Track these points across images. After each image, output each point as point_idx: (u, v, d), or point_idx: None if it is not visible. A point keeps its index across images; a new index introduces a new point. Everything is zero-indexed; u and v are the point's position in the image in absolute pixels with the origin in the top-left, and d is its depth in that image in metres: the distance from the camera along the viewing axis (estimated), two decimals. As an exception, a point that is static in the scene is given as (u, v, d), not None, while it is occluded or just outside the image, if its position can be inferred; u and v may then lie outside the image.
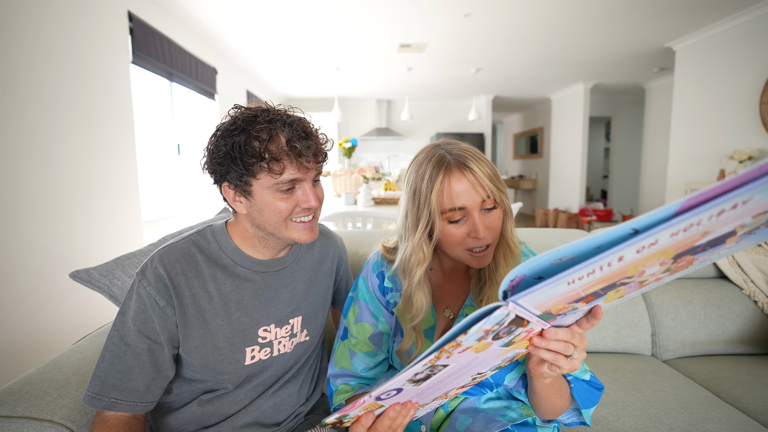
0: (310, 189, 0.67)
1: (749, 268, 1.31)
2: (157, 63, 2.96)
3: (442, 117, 7.48)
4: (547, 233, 1.47)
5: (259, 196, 0.65)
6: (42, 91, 1.91)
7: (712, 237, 0.33)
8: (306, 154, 0.64)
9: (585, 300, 0.41)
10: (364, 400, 0.45)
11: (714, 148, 3.80)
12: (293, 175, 0.64)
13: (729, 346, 1.26)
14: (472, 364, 0.45)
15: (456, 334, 0.38)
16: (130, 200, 2.63)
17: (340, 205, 3.12)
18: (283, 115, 0.66)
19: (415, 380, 0.44)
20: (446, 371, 0.44)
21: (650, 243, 0.31)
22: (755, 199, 0.28)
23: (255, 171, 0.62)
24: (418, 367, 0.41)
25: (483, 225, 0.62)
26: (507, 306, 0.37)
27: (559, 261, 0.36)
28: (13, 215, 1.77)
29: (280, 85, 6.11)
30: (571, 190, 6.37)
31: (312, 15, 3.40)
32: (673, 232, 0.30)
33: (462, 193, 0.61)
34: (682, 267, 0.39)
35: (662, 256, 0.34)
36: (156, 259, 0.67)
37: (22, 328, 1.79)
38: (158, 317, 0.65)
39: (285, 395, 0.76)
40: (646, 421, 0.91)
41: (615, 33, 3.83)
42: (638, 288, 0.41)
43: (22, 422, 0.63)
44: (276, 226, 0.67)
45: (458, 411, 0.70)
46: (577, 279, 0.35)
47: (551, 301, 0.38)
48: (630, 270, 0.35)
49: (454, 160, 0.62)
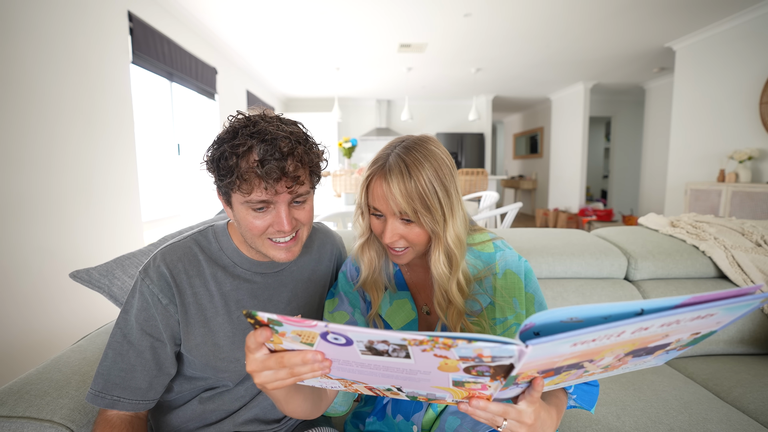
0: (284, 212, 0.63)
1: (749, 268, 1.31)
2: (157, 63, 2.96)
3: (442, 117, 7.48)
4: (547, 233, 1.47)
5: (236, 209, 0.65)
6: (42, 91, 1.91)
7: (660, 342, 0.38)
8: (270, 178, 0.59)
9: (548, 374, 0.41)
10: (308, 324, 0.37)
11: (714, 148, 3.80)
12: (261, 197, 0.61)
13: (729, 346, 1.26)
14: (421, 375, 0.41)
15: (457, 338, 0.35)
16: (130, 200, 2.63)
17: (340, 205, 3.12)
18: (265, 129, 0.61)
19: (371, 348, 0.38)
20: (402, 363, 0.39)
21: (643, 327, 0.33)
22: (717, 315, 0.33)
23: (229, 185, 0.61)
24: (390, 336, 0.35)
25: (393, 231, 0.64)
26: (522, 347, 0.34)
27: (569, 320, 0.35)
28: (13, 215, 1.77)
29: (280, 85, 6.11)
30: (571, 190, 6.37)
31: (312, 15, 3.40)
32: (664, 323, 0.33)
33: (379, 198, 0.64)
34: (615, 367, 0.43)
35: (628, 346, 0.37)
36: (158, 258, 0.68)
37: (22, 328, 1.79)
38: (161, 315, 0.65)
39: None
40: (646, 421, 0.91)
41: (615, 33, 3.83)
42: (579, 377, 0.44)
43: (22, 422, 0.63)
44: (252, 240, 0.67)
45: (447, 412, 0.70)
46: (580, 343, 0.34)
47: (544, 360, 0.37)
48: (604, 351, 0.37)
49: (388, 166, 0.63)
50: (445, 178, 0.63)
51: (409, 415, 0.72)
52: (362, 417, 0.81)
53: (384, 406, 0.76)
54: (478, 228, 0.77)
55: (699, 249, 1.38)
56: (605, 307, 0.34)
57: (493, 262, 0.71)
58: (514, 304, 0.68)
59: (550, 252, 1.30)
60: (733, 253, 1.34)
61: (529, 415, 0.45)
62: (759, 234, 1.41)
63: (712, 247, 1.37)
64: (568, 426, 0.91)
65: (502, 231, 1.61)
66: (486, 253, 0.72)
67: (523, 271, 0.70)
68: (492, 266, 0.70)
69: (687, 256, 1.36)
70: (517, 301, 0.68)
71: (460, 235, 0.65)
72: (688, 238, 1.43)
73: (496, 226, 3.35)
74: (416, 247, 0.67)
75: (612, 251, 1.34)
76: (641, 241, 1.41)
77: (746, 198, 3.23)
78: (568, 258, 1.30)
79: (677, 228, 1.52)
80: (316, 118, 6.52)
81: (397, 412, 0.74)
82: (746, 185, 3.25)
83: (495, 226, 3.52)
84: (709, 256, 1.36)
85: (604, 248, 1.35)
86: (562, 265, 1.29)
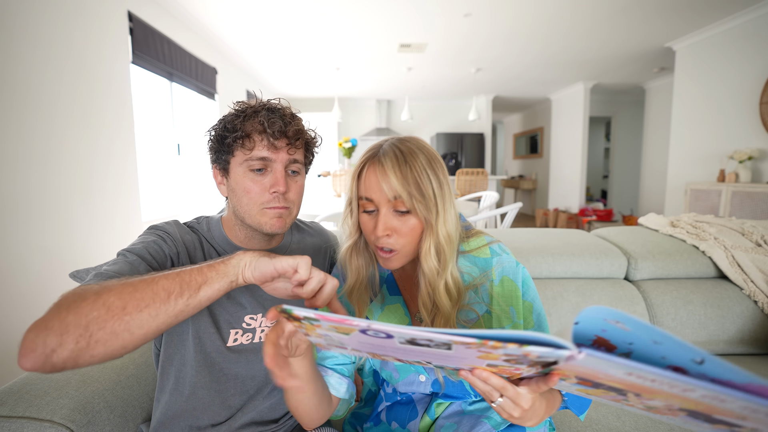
0: (280, 174, 0.68)
1: (749, 268, 1.31)
2: (157, 63, 2.96)
3: (442, 117, 7.48)
4: (546, 233, 1.47)
5: (233, 175, 0.68)
6: (42, 91, 1.91)
7: (731, 420, 0.33)
8: (273, 130, 0.65)
9: (585, 383, 0.39)
10: (348, 322, 0.36)
11: (714, 148, 3.80)
12: (262, 153, 0.66)
13: (729, 346, 1.26)
14: (456, 359, 0.41)
15: (508, 340, 0.33)
16: (130, 200, 2.63)
17: (341, 205, 3.12)
18: (270, 103, 0.69)
19: (412, 341, 0.37)
20: (441, 352, 0.38)
21: (720, 398, 0.30)
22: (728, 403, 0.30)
23: (232, 148, 0.66)
24: (435, 337, 0.34)
25: (386, 224, 0.61)
26: (575, 352, 0.32)
27: (615, 323, 0.33)
28: (13, 215, 1.77)
29: (280, 85, 6.11)
30: (571, 190, 6.37)
31: (312, 15, 3.40)
32: (748, 406, 0.29)
33: (372, 185, 0.62)
34: (661, 412, 0.40)
35: (690, 404, 0.34)
36: (169, 222, 0.72)
37: (22, 328, 1.79)
38: (167, 247, 0.67)
39: (280, 395, 0.76)
40: (646, 420, 0.91)
41: (615, 33, 3.83)
42: (615, 401, 0.42)
43: (22, 422, 0.63)
44: (247, 209, 0.68)
45: (442, 418, 0.69)
46: (637, 376, 0.32)
47: (590, 370, 0.35)
48: (659, 395, 0.34)
49: (382, 152, 0.62)
50: (438, 171, 0.62)
51: (405, 423, 0.71)
52: (361, 418, 0.81)
53: (379, 413, 0.75)
54: (474, 232, 0.74)
55: (699, 249, 1.38)
56: (660, 333, 0.31)
57: (490, 268, 0.68)
58: (511, 314, 0.65)
59: (550, 252, 1.30)
60: (733, 253, 1.34)
61: (527, 400, 0.45)
62: (759, 234, 1.41)
63: (712, 247, 1.36)
64: (568, 426, 0.91)
65: (502, 231, 1.61)
66: (482, 259, 0.69)
67: (520, 279, 0.67)
68: (488, 273, 0.67)
69: (687, 256, 1.35)
70: (515, 311, 0.65)
71: (451, 233, 0.62)
72: (688, 238, 1.42)
73: (496, 226, 3.35)
74: (407, 248, 0.63)
75: (612, 251, 1.34)
76: (641, 241, 1.41)
77: (746, 198, 3.23)
78: (568, 258, 1.30)
79: (677, 228, 1.52)
80: (316, 118, 6.52)
81: (392, 419, 0.73)
82: (746, 185, 3.25)
83: (495, 226, 3.52)
84: (709, 256, 1.36)
85: (604, 248, 1.35)
86: (562, 265, 1.29)
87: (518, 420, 0.48)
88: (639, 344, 0.34)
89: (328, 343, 0.46)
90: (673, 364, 0.32)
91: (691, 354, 0.31)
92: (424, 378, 0.70)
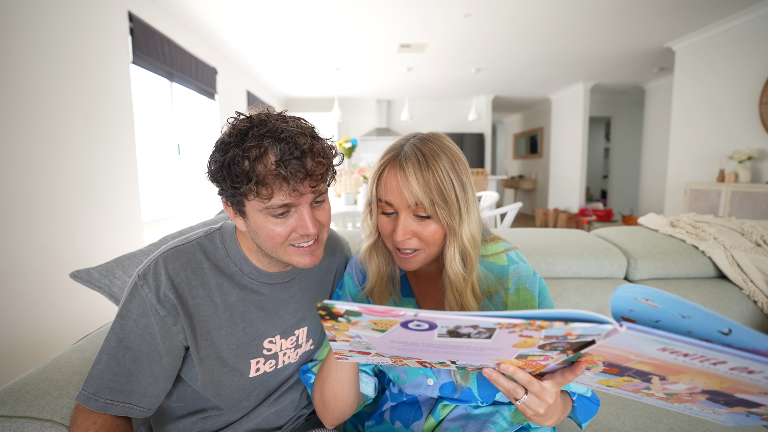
0: (308, 214, 0.60)
1: (749, 268, 1.31)
2: (157, 63, 2.96)
3: (442, 117, 7.48)
4: (546, 233, 1.47)
5: (252, 218, 0.60)
6: (42, 91, 1.91)
7: (752, 398, 0.33)
8: (296, 178, 0.56)
9: (611, 370, 0.38)
10: (394, 313, 0.35)
11: (714, 149, 3.80)
12: (283, 201, 0.57)
13: (729, 346, 1.26)
14: (489, 351, 0.40)
15: (555, 318, 0.33)
16: (130, 200, 2.63)
17: (340, 205, 3.12)
18: (278, 127, 0.57)
19: (453, 332, 0.36)
20: (478, 342, 0.38)
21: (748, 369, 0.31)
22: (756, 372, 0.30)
23: (244, 192, 0.56)
24: (482, 321, 0.33)
25: (406, 228, 0.60)
26: (617, 326, 0.32)
27: (645, 301, 0.33)
28: (13, 215, 1.77)
29: (280, 85, 6.11)
30: (570, 190, 6.37)
31: (312, 15, 3.40)
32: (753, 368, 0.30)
33: (392, 190, 0.60)
34: (681, 400, 0.39)
35: (714, 381, 0.33)
36: (160, 264, 0.63)
37: (22, 328, 1.79)
38: (159, 325, 0.62)
39: (287, 402, 0.75)
40: (646, 420, 0.91)
41: (615, 33, 3.84)
42: (635, 391, 0.41)
43: (22, 422, 0.63)
44: (272, 249, 0.63)
45: (448, 420, 0.68)
46: (670, 351, 0.32)
47: (623, 350, 0.34)
48: (686, 373, 0.33)
49: (403, 155, 0.60)
50: (462, 174, 0.60)
51: (409, 423, 0.70)
52: (362, 417, 0.81)
53: (383, 412, 0.75)
54: (492, 237, 0.72)
55: (699, 249, 1.38)
56: (690, 306, 0.31)
57: (506, 276, 0.66)
58: None
59: (550, 252, 1.30)
60: (733, 253, 1.34)
61: (552, 395, 0.45)
62: (759, 234, 1.41)
63: (711, 247, 1.37)
64: (568, 426, 0.91)
65: (501, 231, 1.61)
66: (498, 266, 0.67)
67: (537, 288, 0.66)
68: (504, 281, 0.66)
69: (687, 256, 1.36)
70: None
71: (476, 235, 0.61)
72: (688, 238, 1.43)
73: (496, 226, 3.36)
74: (429, 249, 0.62)
75: (612, 251, 1.34)
76: (641, 241, 1.41)
77: (746, 198, 3.24)
78: (568, 258, 1.30)
79: (677, 228, 1.52)
80: (316, 118, 6.52)
81: (396, 418, 0.72)
82: (746, 185, 3.25)
83: (495, 226, 3.52)
84: (708, 256, 1.36)
85: (603, 248, 1.35)
86: (562, 265, 1.29)
87: (541, 418, 0.47)
88: (666, 320, 0.34)
89: (352, 348, 0.45)
90: (700, 337, 0.32)
91: (719, 325, 0.31)
92: (432, 382, 0.69)
